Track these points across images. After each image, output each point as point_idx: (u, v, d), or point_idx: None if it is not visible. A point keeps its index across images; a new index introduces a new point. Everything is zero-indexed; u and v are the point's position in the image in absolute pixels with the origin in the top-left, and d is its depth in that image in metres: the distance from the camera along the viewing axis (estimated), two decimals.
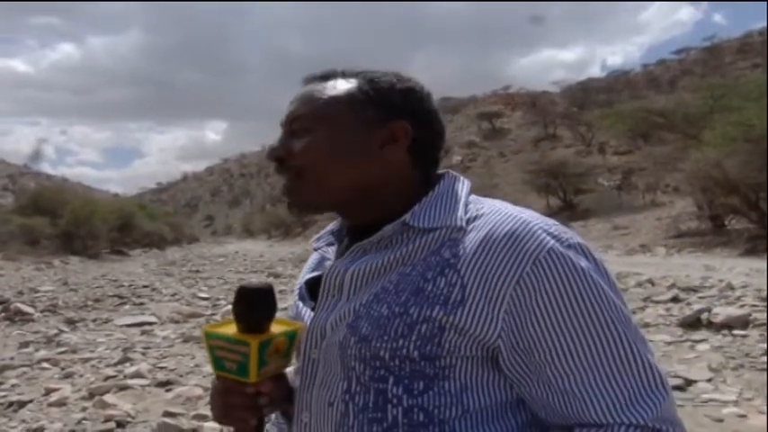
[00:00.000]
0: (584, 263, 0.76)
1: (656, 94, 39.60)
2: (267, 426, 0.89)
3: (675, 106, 22.24)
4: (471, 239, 0.78)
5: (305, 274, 0.98)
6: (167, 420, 3.85)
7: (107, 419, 3.97)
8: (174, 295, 11.22)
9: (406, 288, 0.78)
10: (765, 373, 4.31)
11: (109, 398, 4.38)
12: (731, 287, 7.43)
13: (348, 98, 0.87)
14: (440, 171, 0.92)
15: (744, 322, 5.59)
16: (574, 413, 0.74)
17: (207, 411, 4.16)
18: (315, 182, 0.86)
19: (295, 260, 20.86)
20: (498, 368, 0.78)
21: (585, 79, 68.44)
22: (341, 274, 0.85)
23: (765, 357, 4.61)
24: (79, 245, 23.45)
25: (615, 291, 0.77)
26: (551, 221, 0.80)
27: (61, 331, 7.41)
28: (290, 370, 0.90)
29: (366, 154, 0.86)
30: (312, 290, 0.92)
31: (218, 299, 10.55)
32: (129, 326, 7.81)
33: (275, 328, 0.80)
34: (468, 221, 0.81)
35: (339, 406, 0.81)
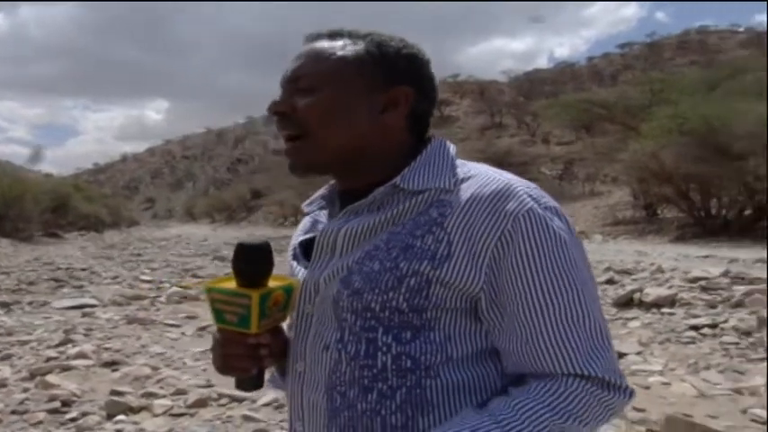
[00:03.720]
0: (557, 224, 0.82)
1: (599, 87, 40.96)
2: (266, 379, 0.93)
3: (617, 98, 23.05)
4: (458, 199, 0.83)
5: (298, 236, 1.02)
6: (115, 399, 3.81)
7: (51, 399, 3.89)
8: (115, 278, 10.92)
9: (397, 245, 0.83)
10: (688, 345, 4.66)
11: (52, 378, 4.29)
12: (661, 270, 7.89)
13: (356, 60, 0.88)
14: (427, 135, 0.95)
15: (671, 301, 5.99)
16: (532, 363, 0.80)
17: (156, 389, 4.15)
18: (315, 142, 0.88)
19: None
20: (479, 319, 0.84)
21: (532, 70, 69.87)
22: (334, 234, 0.89)
23: (689, 332, 4.98)
24: (9, 227, 22.27)
25: (581, 253, 0.84)
26: (532, 185, 0.86)
27: None
28: (285, 325, 0.95)
29: (367, 117, 0.88)
30: (306, 251, 0.96)
31: (161, 281, 10.34)
32: (68, 308, 7.58)
33: (272, 283, 0.85)
34: (456, 183, 0.86)
35: (333, 354, 0.86)
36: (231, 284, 0.85)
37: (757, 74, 18.99)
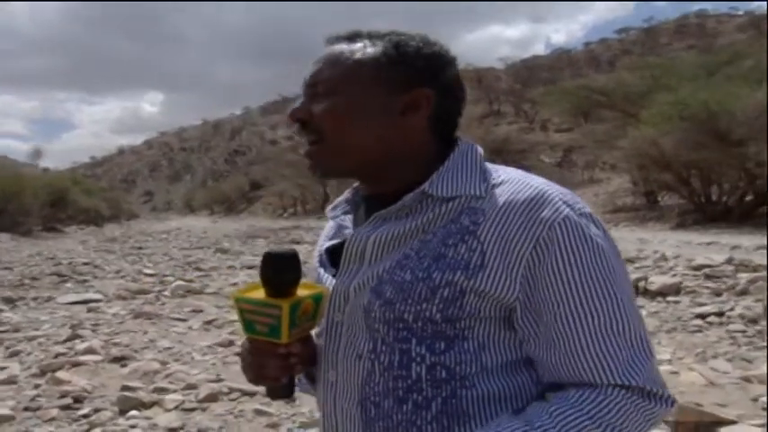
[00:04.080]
0: (594, 231, 0.80)
1: (596, 73, 40.83)
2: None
3: (616, 85, 22.94)
4: (490, 207, 0.81)
5: (323, 241, 1.00)
6: (127, 394, 3.83)
7: (63, 395, 3.90)
8: (118, 272, 10.93)
9: (428, 254, 0.82)
10: (695, 334, 4.69)
11: (62, 374, 4.30)
12: (665, 258, 7.91)
13: (372, 62, 0.86)
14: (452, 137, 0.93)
15: (676, 289, 6.01)
16: (570, 373, 0.78)
17: (167, 384, 4.16)
18: (333, 146, 0.87)
19: (241, 236, 20.57)
20: (513, 328, 0.82)
21: (530, 57, 69.63)
22: (363, 242, 0.88)
23: (695, 321, 5.01)
24: (9, 221, 22.23)
25: (618, 259, 0.81)
26: (566, 190, 0.84)
27: (0, 310, 7.12)
28: (313, 332, 0.94)
29: (386, 120, 0.86)
30: (332, 257, 0.94)
31: (164, 275, 10.35)
32: (73, 303, 7.59)
33: (301, 292, 0.83)
34: (487, 189, 0.84)
35: (366, 364, 0.85)
36: (260, 294, 0.83)
37: (757, 58, 18.96)
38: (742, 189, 13.80)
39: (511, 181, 0.84)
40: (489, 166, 0.89)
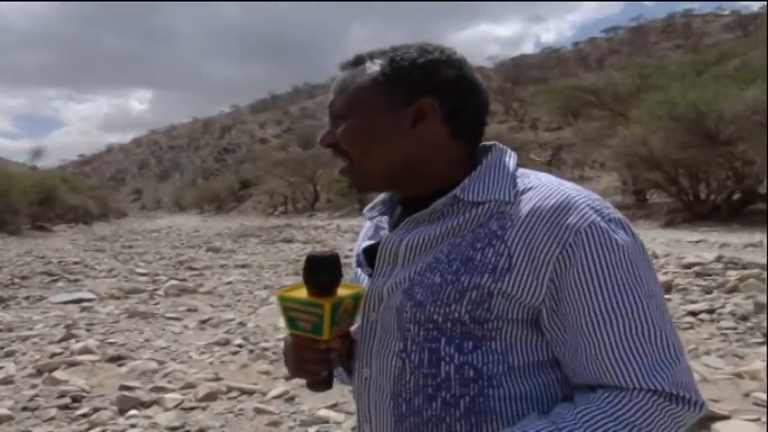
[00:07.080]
0: (621, 236, 0.82)
1: (585, 72, 41.07)
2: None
3: (605, 84, 23.08)
4: (518, 212, 0.84)
5: (361, 241, 1.04)
6: (126, 393, 3.83)
7: (61, 395, 3.90)
8: (110, 271, 10.88)
9: (457, 258, 0.85)
10: (687, 331, 4.77)
11: (59, 374, 4.30)
12: (656, 256, 8.01)
13: (372, 84, 0.90)
14: (488, 143, 0.96)
15: (668, 287, 6.08)
16: (598, 377, 0.79)
17: (165, 384, 4.16)
18: (359, 166, 0.92)
19: (233, 235, 20.51)
20: (539, 330, 0.85)
21: (519, 55, 69.98)
22: (396, 245, 0.91)
23: (687, 318, 5.08)
24: None
25: (647, 265, 0.83)
26: (595, 196, 0.85)
27: None
28: (352, 329, 0.99)
29: (399, 135, 0.90)
30: (369, 257, 0.97)
31: (156, 274, 10.32)
32: (65, 303, 7.55)
33: (341, 292, 0.89)
34: (516, 195, 0.86)
35: (396, 362, 0.89)
36: (303, 293, 0.89)
37: (743, 58, 19.19)
38: (730, 188, 13.96)
39: (540, 186, 0.86)
40: (522, 171, 0.91)
